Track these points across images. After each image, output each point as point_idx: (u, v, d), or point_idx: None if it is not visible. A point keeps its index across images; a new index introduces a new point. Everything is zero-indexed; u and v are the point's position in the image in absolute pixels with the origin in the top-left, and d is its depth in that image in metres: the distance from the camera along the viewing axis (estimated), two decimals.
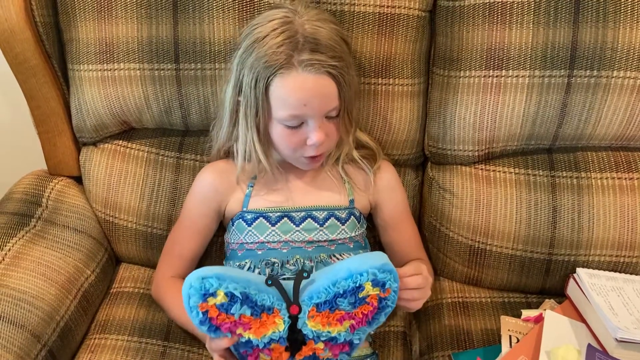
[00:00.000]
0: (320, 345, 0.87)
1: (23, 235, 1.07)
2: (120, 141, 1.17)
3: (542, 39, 1.03)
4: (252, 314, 0.84)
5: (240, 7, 1.03)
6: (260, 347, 0.86)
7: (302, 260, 1.00)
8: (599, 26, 1.01)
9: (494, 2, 1.02)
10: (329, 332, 0.86)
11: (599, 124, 1.08)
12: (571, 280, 1.07)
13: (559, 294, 1.11)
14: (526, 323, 1.04)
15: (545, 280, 1.13)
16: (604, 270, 1.09)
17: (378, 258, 0.86)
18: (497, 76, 1.05)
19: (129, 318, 1.10)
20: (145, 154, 1.16)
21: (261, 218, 1.02)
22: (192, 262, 1.09)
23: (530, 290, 1.15)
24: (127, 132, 1.18)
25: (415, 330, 1.13)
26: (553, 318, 1.01)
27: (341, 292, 0.85)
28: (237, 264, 1.02)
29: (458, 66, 1.06)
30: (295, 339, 0.86)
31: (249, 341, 0.86)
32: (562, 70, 1.04)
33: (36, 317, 0.97)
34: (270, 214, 1.02)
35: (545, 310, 1.04)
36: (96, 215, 1.19)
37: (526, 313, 1.07)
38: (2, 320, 0.94)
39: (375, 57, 1.06)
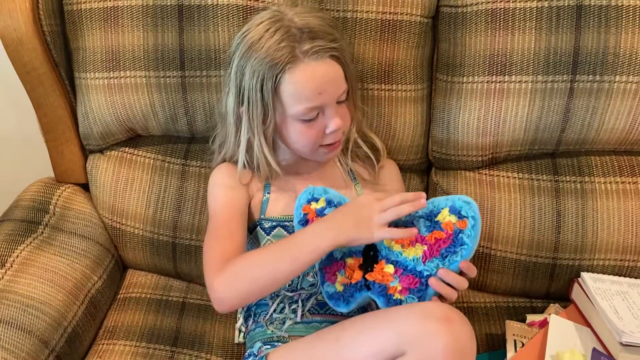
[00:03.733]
0: (390, 269, 0.89)
1: (31, 242, 1.08)
2: (127, 148, 1.18)
3: (544, 45, 1.03)
4: None
5: (245, 15, 1.04)
6: (338, 258, 0.92)
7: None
8: (601, 31, 1.02)
9: (496, 8, 1.03)
10: (400, 252, 0.89)
11: (602, 129, 1.08)
12: (576, 284, 1.07)
13: (564, 299, 1.11)
14: (531, 327, 1.04)
15: (549, 284, 1.13)
16: (609, 274, 1.09)
17: (463, 195, 0.90)
18: (500, 82, 1.06)
19: (137, 324, 1.11)
20: (152, 160, 1.17)
21: (279, 227, 1.01)
22: (244, 245, 0.97)
23: (534, 295, 1.16)
24: (134, 139, 1.19)
25: None
26: (558, 322, 1.01)
27: (419, 213, 0.90)
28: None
29: (461, 72, 1.07)
30: (369, 256, 0.91)
31: (329, 256, 0.93)
32: (565, 76, 1.04)
33: (44, 322, 0.98)
34: (288, 223, 1.01)
35: (550, 314, 1.04)
36: (103, 222, 1.20)
37: (531, 317, 1.07)
38: (10, 326, 0.94)
39: (377, 63, 1.07)
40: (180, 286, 1.20)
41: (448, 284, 0.86)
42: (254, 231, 1.02)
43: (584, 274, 1.07)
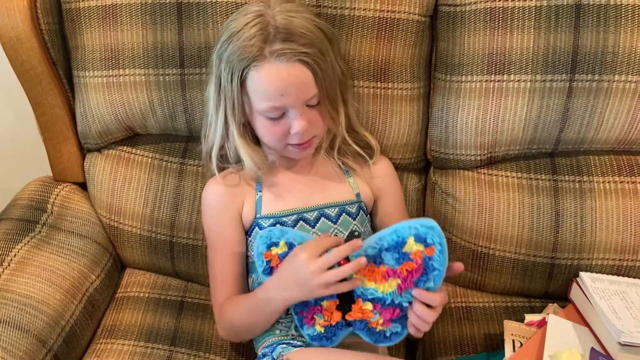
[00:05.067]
0: (369, 307, 0.89)
1: (28, 241, 1.08)
2: (125, 147, 1.18)
3: (543, 44, 1.03)
4: None
5: None
6: (312, 303, 0.91)
7: None
8: (600, 31, 1.02)
9: (495, 7, 1.03)
10: (375, 289, 0.89)
11: (601, 128, 1.08)
12: (574, 284, 1.07)
13: (562, 298, 1.10)
14: (529, 327, 1.04)
15: (548, 284, 1.13)
16: (607, 274, 1.09)
17: (424, 219, 0.88)
18: (498, 81, 1.06)
19: (135, 323, 1.11)
20: (149, 159, 1.17)
21: (277, 225, 1.00)
22: (239, 281, 1.03)
23: (533, 295, 1.15)
24: (132, 138, 1.19)
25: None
26: (556, 322, 1.01)
27: (385, 246, 0.88)
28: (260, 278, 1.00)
29: (460, 71, 1.07)
30: (344, 296, 0.90)
31: (302, 301, 0.92)
32: (564, 75, 1.04)
33: (41, 322, 0.98)
34: (285, 219, 1.00)
35: (548, 314, 1.04)
36: (101, 221, 1.19)
37: (529, 317, 1.06)
38: (8, 325, 0.94)
39: (374, 61, 1.07)
40: (178, 285, 1.20)
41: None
42: (252, 233, 1.01)
43: (582, 274, 1.07)
